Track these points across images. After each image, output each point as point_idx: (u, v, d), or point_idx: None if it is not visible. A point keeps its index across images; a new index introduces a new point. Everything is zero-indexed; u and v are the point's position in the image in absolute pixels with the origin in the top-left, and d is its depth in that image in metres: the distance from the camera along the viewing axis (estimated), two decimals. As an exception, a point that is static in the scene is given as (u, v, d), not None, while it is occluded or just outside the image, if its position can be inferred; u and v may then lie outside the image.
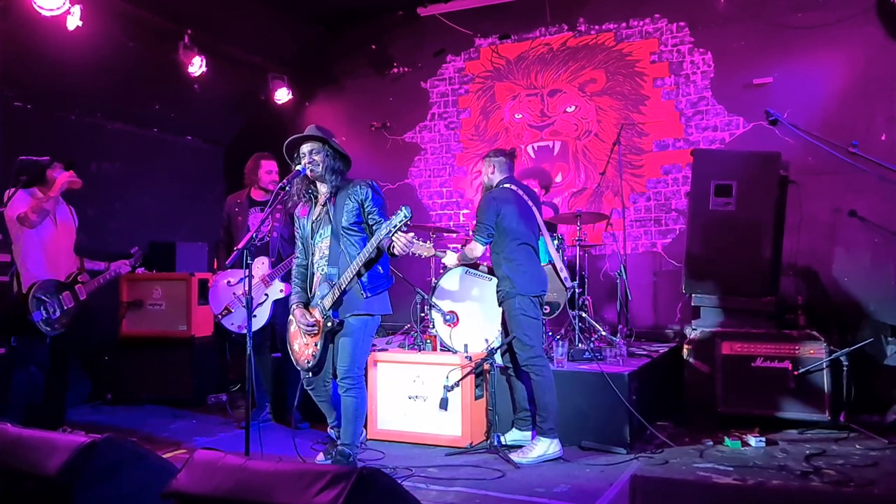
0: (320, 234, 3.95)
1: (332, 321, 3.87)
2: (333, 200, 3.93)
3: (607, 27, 6.92)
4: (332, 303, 3.86)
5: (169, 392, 6.11)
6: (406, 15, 7.62)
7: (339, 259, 3.87)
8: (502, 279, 4.52)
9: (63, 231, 4.82)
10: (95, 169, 6.63)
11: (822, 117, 5.86)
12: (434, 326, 5.41)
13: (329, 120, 8.08)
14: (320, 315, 3.90)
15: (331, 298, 3.86)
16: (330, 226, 3.90)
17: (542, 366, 4.41)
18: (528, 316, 4.42)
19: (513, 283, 4.45)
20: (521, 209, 4.57)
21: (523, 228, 4.53)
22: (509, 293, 4.46)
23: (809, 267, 5.85)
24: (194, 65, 6.56)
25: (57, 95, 6.18)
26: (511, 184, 4.67)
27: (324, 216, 3.96)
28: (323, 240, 3.94)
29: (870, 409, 5.00)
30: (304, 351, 4.01)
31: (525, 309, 4.43)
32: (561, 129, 7.09)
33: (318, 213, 3.99)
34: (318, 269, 3.96)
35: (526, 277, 4.46)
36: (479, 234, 4.54)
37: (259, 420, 5.06)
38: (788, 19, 6.13)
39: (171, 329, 6.21)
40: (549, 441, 4.31)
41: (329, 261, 3.89)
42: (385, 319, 4.21)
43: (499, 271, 4.54)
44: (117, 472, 2.54)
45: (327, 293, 3.87)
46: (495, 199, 4.55)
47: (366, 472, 2.14)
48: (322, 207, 3.98)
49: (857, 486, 3.79)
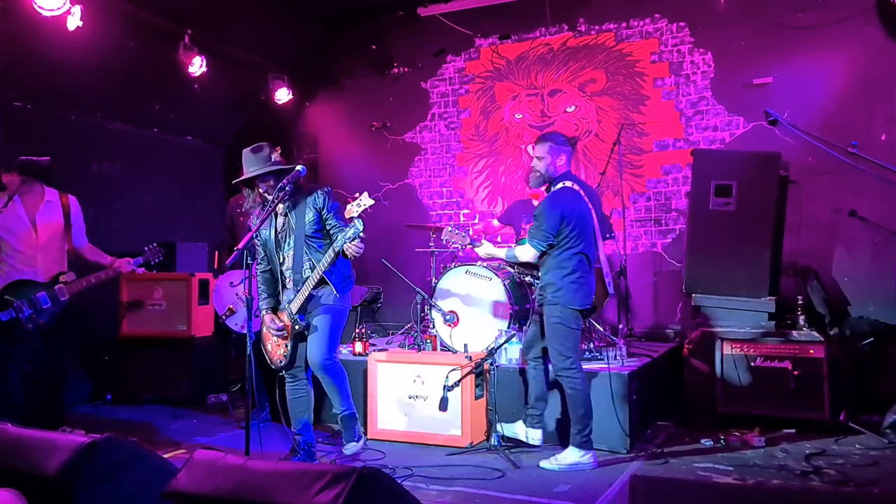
0: (288, 243, 4.15)
1: (299, 324, 4.10)
2: (292, 211, 4.13)
3: (607, 27, 6.92)
4: (298, 307, 4.09)
5: (169, 392, 6.11)
6: (406, 15, 7.62)
7: (305, 267, 4.11)
8: (547, 284, 4.23)
9: (44, 231, 4.72)
10: (96, 169, 6.64)
11: (822, 117, 5.87)
12: (434, 326, 5.42)
13: (329, 120, 8.11)
14: (288, 319, 4.13)
15: (297, 303, 4.08)
16: (293, 235, 4.12)
17: (578, 378, 4.19)
18: (569, 327, 4.19)
19: (559, 292, 4.17)
20: (584, 214, 4.25)
21: (583, 236, 4.21)
22: (552, 301, 4.20)
23: (809, 267, 5.85)
24: (194, 65, 6.56)
25: (57, 95, 6.18)
26: (573, 182, 4.31)
27: (288, 227, 4.15)
28: (290, 249, 4.14)
29: (870, 408, 4.99)
30: (276, 350, 4.25)
31: (566, 320, 4.18)
32: (561, 129, 7.08)
33: (282, 224, 4.17)
34: (289, 276, 4.16)
35: (573, 289, 4.17)
36: (536, 240, 4.19)
37: (259, 420, 5.06)
38: (788, 19, 6.13)
39: (172, 329, 6.21)
40: (582, 452, 4.15)
41: (294, 268, 4.12)
42: (386, 319, 4.26)
43: (546, 275, 4.25)
44: (117, 471, 2.54)
45: (293, 298, 4.11)
46: (560, 203, 4.19)
47: (366, 472, 2.14)
48: (284, 218, 4.16)
49: (856, 485, 3.79)
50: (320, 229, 4.12)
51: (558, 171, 4.29)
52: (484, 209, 7.41)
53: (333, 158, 8.12)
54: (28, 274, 4.67)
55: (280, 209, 4.14)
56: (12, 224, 4.66)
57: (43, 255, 4.73)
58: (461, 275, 5.40)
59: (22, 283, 4.62)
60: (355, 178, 7.91)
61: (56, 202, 4.83)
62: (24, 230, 4.68)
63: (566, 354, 4.20)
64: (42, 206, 4.74)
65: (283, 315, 4.15)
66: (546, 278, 4.25)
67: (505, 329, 5.03)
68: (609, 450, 4.48)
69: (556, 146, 4.28)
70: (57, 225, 4.80)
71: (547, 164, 4.27)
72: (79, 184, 5.31)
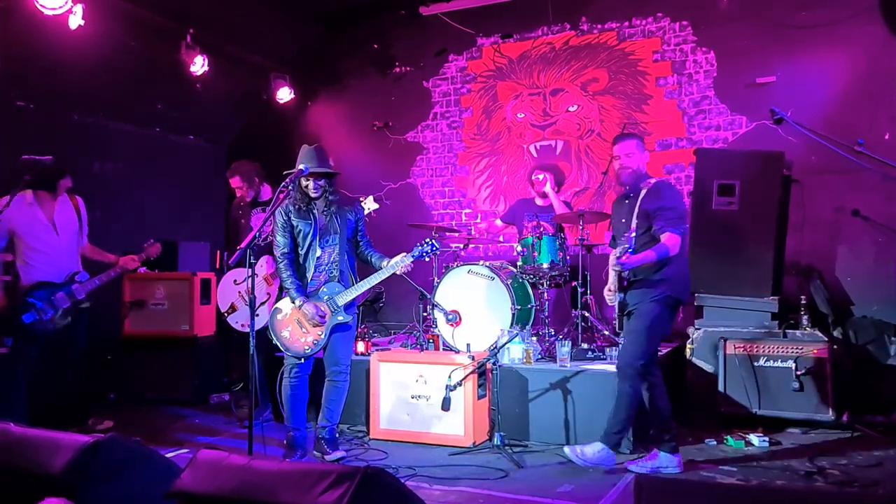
0: (328, 240, 4.35)
1: (344, 316, 4.32)
2: (338, 213, 4.37)
3: (610, 26, 6.91)
4: (344, 302, 4.30)
5: (172, 392, 6.12)
6: (408, 14, 7.61)
7: (345, 265, 4.38)
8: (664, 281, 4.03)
9: (64, 233, 4.85)
10: (98, 169, 6.64)
11: (825, 116, 5.85)
12: (437, 326, 5.41)
13: (331, 119, 8.09)
14: (329, 309, 4.29)
15: (347, 297, 4.31)
16: (338, 235, 4.35)
17: (636, 376, 4.01)
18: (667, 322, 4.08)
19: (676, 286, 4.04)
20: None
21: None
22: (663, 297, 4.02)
23: (812, 266, 5.84)
24: (196, 64, 6.56)
25: (59, 95, 6.18)
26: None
27: (331, 225, 4.35)
28: (332, 246, 4.36)
29: (873, 409, 4.98)
30: (299, 339, 4.31)
31: (668, 315, 4.06)
32: (563, 128, 7.08)
33: (325, 221, 4.36)
34: (324, 270, 4.35)
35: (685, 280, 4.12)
36: (682, 224, 4.02)
37: (262, 419, 5.06)
38: (791, 18, 6.12)
39: (174, 329, 6.21)
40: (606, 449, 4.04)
41: (340, 266, 4.35)
42: (388, 319, 4.33)
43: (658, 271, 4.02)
44: (121, 471, 2.54)
45: (341, 292, 4.30)
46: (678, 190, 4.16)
47: (370, 472, 2.13)
48: (326, 218, 4.35)
49: (860, 486, 3.78)
50: (354, 237, 4.46)
51: (643, 168, 4.24)
52: (486, 209, 7.40)
53: (335, 158, 8.03)
54: (50, 275, 4.77)
55: (321, 208, 4.34)
56: (32, 225, 4.75)
57: (63, 256, 4.85)
58: (463, 274, 5.40)
59: (43, 285, 4.73)
60: (357, 177, 7.90)
61: (69, 203, 4.91)
62: (44, 231, 4.78)
63: (643, 350, 4.00)
64: (58, 207, 4.85)
65: (322, 305, 4.28)
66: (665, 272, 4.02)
67: (507, 329, 5.02)
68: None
69: (641, 142, 4.28)
70: (73, 225, 4.94)
71: (638, 159, 4.20)
72: (81, 183, 5.31)
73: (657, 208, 4.04)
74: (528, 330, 5.23)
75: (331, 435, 4.39)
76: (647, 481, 2.07)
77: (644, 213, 4.06)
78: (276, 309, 4.40)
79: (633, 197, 4.18)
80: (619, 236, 4.19)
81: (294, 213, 4.32)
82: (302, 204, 4.32)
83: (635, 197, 4.15)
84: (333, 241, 4.34)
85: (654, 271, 4.02)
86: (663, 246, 3.96)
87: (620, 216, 4.28)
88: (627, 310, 4.12)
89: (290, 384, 4.35)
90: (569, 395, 4.64)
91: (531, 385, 4.77)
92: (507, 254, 6.88)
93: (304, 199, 4.32)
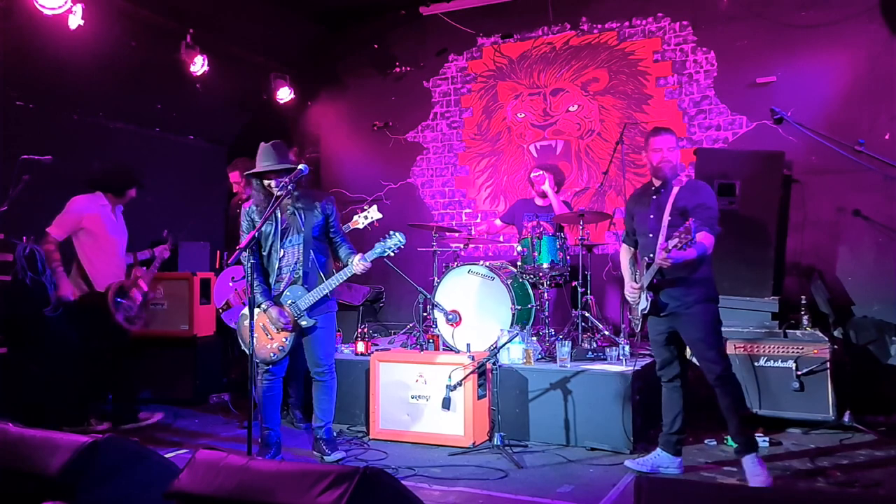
0: (290, 240, 4.23)
1: (307, 320, 4.20)
2: (301, 210, 4.23)
3: (610, 26, 6.90)
4: (307, 305, 4.19)
5: (170, 392, 6.10)
6: (408, 14, 7.61)
7: (310, 265, 4.23)
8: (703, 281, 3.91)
9: (122, 238, 5.30)
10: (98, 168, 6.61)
11: (826, 116, 5.84)
12: (437, 326, 5.41)
13: (331, 119, 8.10)
14: (294, 314, 4.19)
15: (309, 301, 4.18)
16: (301, 234, 4.21)
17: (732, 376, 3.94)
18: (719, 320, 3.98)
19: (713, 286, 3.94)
20: None
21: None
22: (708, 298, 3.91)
23: (813, 266, 5.83)
24: (196, 64, 6.56)
25: (59, 95, 6.17)
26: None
27: (293, 224, 4.22)
28: (294, 246, 4.23)
29: (874, 408, 4.97)
30: (265, 345, 4.25)
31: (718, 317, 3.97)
32: (564, 128, 7.08)
33: (287, 221, 4.23)
34: (287, 272, 4.24)
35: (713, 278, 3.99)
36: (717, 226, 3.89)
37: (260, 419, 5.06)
38: (792, 18, 6.11)
39: (174, 328, 6.20)
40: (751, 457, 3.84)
41: (303, 266, 4.21)
42: (388, 318, 4.29)
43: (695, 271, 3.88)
44: (119, 472, 2.53)
45: (304, 296, 4.18)
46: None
47: (369, 472, 2.12)
48: (291, 216, 4.23)
49: (861, 486, 3.77)
50: (324, 234, 4.30)
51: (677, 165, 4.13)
52: (486, 209, 7.40)
53: (335, 158, 8.12)
54: (121, 276, 5.24)
55: (287, 206, 4.21)
56: (104, 226, 5.16)
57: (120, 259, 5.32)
58: (463, 274, 5.39)
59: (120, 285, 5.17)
60: (357, 177, 7.92)
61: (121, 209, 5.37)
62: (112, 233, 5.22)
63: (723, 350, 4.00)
64: (118, 212, 5.32)
65: (287, 309, 4.19)
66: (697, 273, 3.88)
67: (507, 329, 5.02)
68: (612, 450, 4.47)
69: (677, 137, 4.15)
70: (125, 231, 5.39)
71: (677, 154, 4.09)
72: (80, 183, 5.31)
73: (696, 206, 3.86)
74: (528, 330, 5.22)
75: (328, 435, 4.39)
76: (647, 481, 2.07)
77: (680, 209, 3.87)
78: (243, 315, 4.32)
79: (663, 192, 4.00)
80: (645, 232, 4.04)
81: (257, 214, 4.24)
82: (265, 204, 4.20)
83: (666, 193, 3.97)
84: (296, 240, 4.20)
85: (691, 272, 3.86)
86: (702, 245, 3.77)
87: (647, 212, 4.05)
88: (664, 312, 3.94)
89: (263, 386, 4.31)
90: (569, 396, 4.63)
91: (531, 385, 4.77)
92: (507, 254, 6.88)
93: (267, 200, 4.19)
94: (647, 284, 3.91)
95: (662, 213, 3.91)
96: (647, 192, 4.14)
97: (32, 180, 4.76)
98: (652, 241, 3.94)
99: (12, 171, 4.74)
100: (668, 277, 3.88)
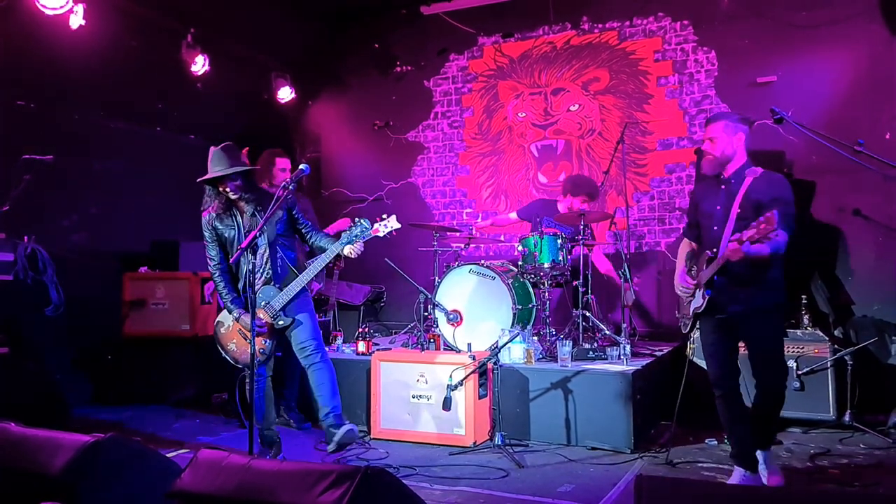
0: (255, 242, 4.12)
1: (284, 320, 4.15)
2: (260, 211, 4.15)
3: (611, 25, 6.90)
4: (283, 304, 4.13)
5: (172, 391, 6.11)
6: (409, 13, 7.60)
7: (280, 265, 4.18)
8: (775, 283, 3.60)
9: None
10: (98, 168, 6.62)
11: (826, 116, 5.84)
12: (437, 325, 5.41)
13: (332, 119, 8.10)
14: (269, 316, 4.13)
15: (283, 300, 4.13)
16: (265, 234, 4.12)
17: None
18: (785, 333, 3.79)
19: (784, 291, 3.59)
20: None
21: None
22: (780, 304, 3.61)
23: (813, 266, 5.83)
24: (197, 63, 6.56)
25: (60, 94, 6.17)
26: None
27: (254, 226, 4.11)
28: (260, 247, 4.16)
29: (874, 408, 4.98)
30: (246, 350, 4.09)
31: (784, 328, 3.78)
32: (564, 127, 7.08)
33: (250, 224, 4.16)
34: (259, 274, 4.17)
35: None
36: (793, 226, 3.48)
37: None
38: (792, 17, 6.11)
39: (174, 328, 6.20)
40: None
41: (272, 267, 4.17)
42: (389, 318, 4.27)
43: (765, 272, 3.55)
44: (121, 471, 2.54)
45: (276, 295, 4.14)
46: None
47: (371, 472, 2.13)
48: (252, 218, 4.17)
49: (861, 485, 3.78)
50: (290, 228, 4.26)
51: (737, 151, 3.65)
52: (487, 208, 7.40)
53: (336, 157, 8.11)
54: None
55: (246, 209, 4.17)
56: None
57: None
58: (465, 274, 5.40)
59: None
60: (358, 177, 7.92)
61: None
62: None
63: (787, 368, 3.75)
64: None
65: (261, 312, 4.10)
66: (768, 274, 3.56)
67: (508, 328, 5.02)
68: (612, 449, 4.48)
69: (732, 123, 3.67)
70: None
71: (722, 144, 3.65)
72: (81, 183, 5.31)
73: (772, 199, 3.46)
74: (529, 329, 5.23)
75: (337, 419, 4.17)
76: (647, 481, 2.07)
77: (754, 202, 3.50)
78: (219, 322, 4.29)
79: (733, 182, 3.62)
80: (710, 225, 3.69)
81: (217, 221, 4.19)
82: (223, 210, 4.17)
83: (738, 182, 3.59)
84: (261, 241, 4.14)
85: (762, 272, 3.53)
86: (777, 242, 3.37)
87: (714, 202, 3.69)
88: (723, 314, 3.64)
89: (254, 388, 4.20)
90: (570, 395, 4.64)
91: (532, 385, 4.77)
92: (507, 253, 6.88)
93: (225, 205, 4.16)
94: (707, 281, 3.56)
95: (732, 205, 3.54)
96: (716, 180, 3.75)
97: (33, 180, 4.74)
98: (717, 234, 3.57)
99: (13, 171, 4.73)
100: (734, 274, 3.51)
